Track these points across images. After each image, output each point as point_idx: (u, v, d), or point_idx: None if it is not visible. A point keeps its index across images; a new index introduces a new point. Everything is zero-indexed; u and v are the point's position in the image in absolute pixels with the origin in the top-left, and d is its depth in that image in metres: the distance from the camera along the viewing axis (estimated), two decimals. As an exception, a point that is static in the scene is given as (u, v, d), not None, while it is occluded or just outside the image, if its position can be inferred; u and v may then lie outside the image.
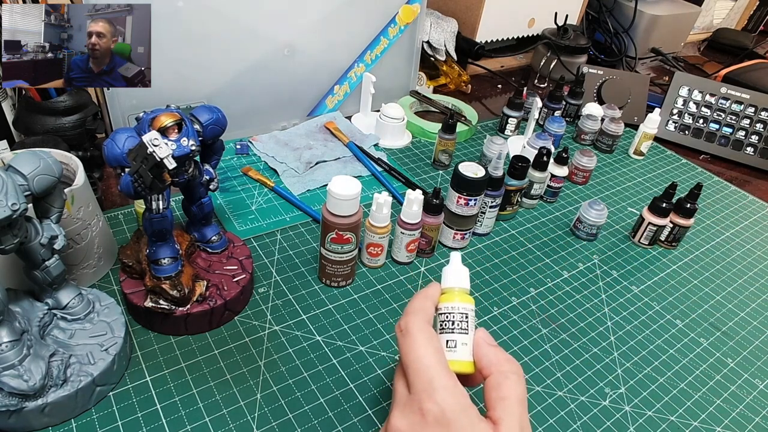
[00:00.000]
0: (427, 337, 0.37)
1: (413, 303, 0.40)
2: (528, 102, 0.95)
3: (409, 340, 0.37)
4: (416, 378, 0.35)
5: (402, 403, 0.36)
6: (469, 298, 0.41)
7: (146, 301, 0.50)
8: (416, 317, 0.38)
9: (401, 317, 0.39)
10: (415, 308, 0.39)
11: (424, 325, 0.38)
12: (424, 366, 0.35)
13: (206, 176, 0.54)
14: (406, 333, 0.38)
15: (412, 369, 0.36)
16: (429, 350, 0.36)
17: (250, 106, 0.82)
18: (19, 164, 0.40)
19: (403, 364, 0.37)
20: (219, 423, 0.46)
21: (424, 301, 0.40)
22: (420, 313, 0.39)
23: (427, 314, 0.39)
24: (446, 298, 0.40)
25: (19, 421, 0.42)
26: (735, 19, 1.66)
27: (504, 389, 0.36)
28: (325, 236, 0.56)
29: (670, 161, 0.97)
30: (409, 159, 0.85)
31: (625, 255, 0.73)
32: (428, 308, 0.40)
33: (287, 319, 0.56)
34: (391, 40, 0.91)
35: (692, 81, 1.03)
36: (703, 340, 0.62)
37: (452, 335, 0.39)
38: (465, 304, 0.40)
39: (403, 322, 0.39)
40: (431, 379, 0.35)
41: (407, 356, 0.37)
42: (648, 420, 0.52)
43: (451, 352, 0.38)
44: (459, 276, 0.41)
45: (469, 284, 0.42)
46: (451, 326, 0.39)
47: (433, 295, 0.41)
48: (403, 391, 0.37)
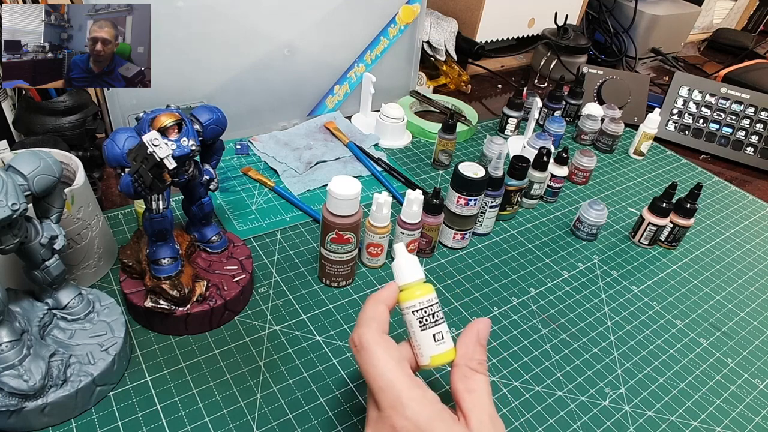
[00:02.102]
0: (384, 349, 0.35)
1: (364, 312, 0.38)
2: (528, 102, 0.95)
3: (366, 355, 0.35)
4: (382, 395, 0.34)
5: (373, 422, 0.34)
6: (430, 285, 0.40)
7: (146, 301, 0.50)
8: (368, 329, 0.36)
9: (354, 330, 0.37)
10: (367, 318, 0.37)
11: (379, 336, 0.36)
12: (388, 382, 0.34)
13: (206, 176, 0.54)
14: (361, 348, 0.35)
15: (376, 386, 0.34)
16: (389, 364, 0.34)
17: (250, 106, 0.82)
18: (19, 164, 0.40)
19: (366, 382, 0.35)
20: (219, 423, 0.46)
21: (376, 307, 0.38)
22: (372, 323, 0.36)
23: (380, 322, 0.37)
24: (415, 294, 0.39)
25: (19, 421, 0.42)
26: (735, 19, 1.66)
27: (471, 382, 0.35)
28: (325, 236, 0.56)
29: (670, 161, 0.97)
30: (409, 159, 0.85)
31: (625, 255, 0.73)
32: (381, 314, 0.37)
33: (287, 319, 0.56)
34: (391, 40, 0.91)
35: (692, 81, 1.03)
36: (703, 340, 0.62)
37: (436, 327, 0.38)
38: (432, 293, 0.39)
39: (355, 335, 0.36)
40: (398, 395, 0.33)
41: (368, 373, 0.35)
42: (648, 420, 0.52)
43: (441, 345, 0.38)
44: (415, 266, 0.40)
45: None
46: (433, 319, 0.38)
47: (387, 297, 0.38)
48: (372, 411, 0.35)
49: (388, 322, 0.38)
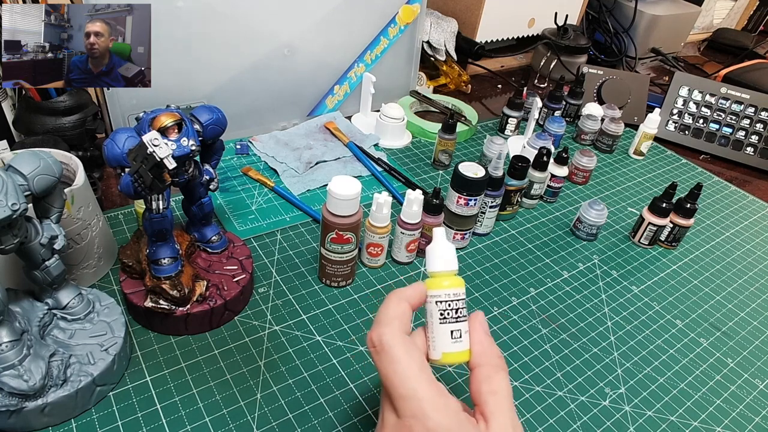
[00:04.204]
0: (407, 351, 0.33)
1: (386, 310, 0.35)
2: (528, 102, 0.95)
3: (387, 358, 0.33)
4: (403, 403, 0.32)
5: (391, 427, 0.33)
6: (461, 279, 0.37)
7: (146, 301, 0.50)
8: (390, 328, 0.34)
9: (372, 328, 0.35)
10: (389, 317, 0.35)
11: (401, 337, 0.34)
12: (411, 390, 0.32)
13: (206, 176, 0.54)
14: (381, 349, 0.33)
15: (397, 393, 0.32)
16: (412, 369, 0.32)
17: (250, 106, 0.82)
18: (19, 164, 0.40)
19: (384, 385, 0.33)
20: (219, 423, 0.46)
21: (398, 305, 0.36)
22: (395, 322, 0.34)
23: (402, 322, 0.35)
24: (443, 284, 0.37)
25: (19, 421, 0.42)
26: (735, 19, 1.66)
27: (495, 383, 0.34)
28: (325, 236, 0.56)
29: (670, 161, 0.97)
30: (409, 159, 0.85)
31: (625, 255, 0.73)
32: (404, 314, 0.35)
33: (287, 319, 0.56)
34: (391, 40, 0.91)
35: (692, 81, 1.03)
36: (703, 340, 0.62)
37: (456, 324, 0.36)
38: (461, 288, 0.37)
39: (375, 335, 0.34)
40: (420, 404, 0.31)
41: (388, 378, 0.33)
42: (648, 420, 0.52)
43: (457, 343, 0.36)
44: (450, 255, 0.37)
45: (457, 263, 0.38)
46: (455, 315, 0.36)
47: (412, 296, 0.36)
48: (390, 416, 0.33)
49: (410, 322, 0.36)
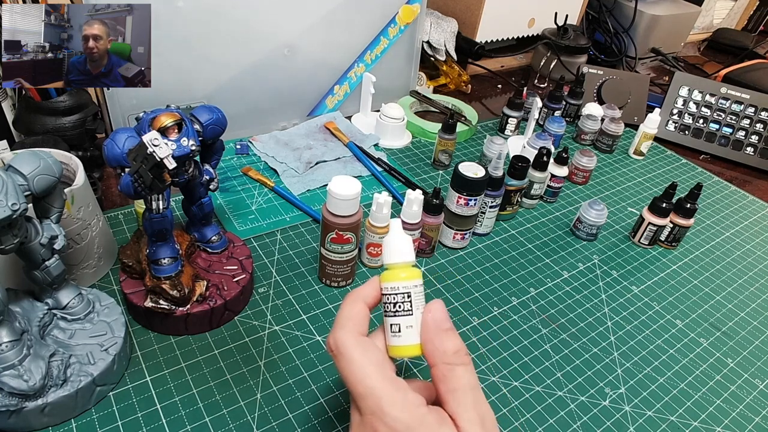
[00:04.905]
0: (363, 351, 0.34)
1: (341, 312, 0.36)
2: (528, 102, 0.95)
3: (344, 359, 0.34)
4: (362, 401, 0.33)
5: (356, 426, 0.34)
6: (415, 271, 0.36)
7: (146, 301, 0.50)
8: (344, 331, 0.35)
9: (330, 332, 0.35)
10: (344, 318, 0.35)
11: (355, 339, 0.34)
12: (368, 388, 0.33)
13: (206, 176, 0.54)
14: (338, 352, 0.34)
15: (356, 392, 0.33)
16: (368, 368, 0.33)
17: (250, 106, 0.82)
18: (19, 164, 0.40)
19: (346, 386, 0.34)
20: (219, 423, 0.46)
21: (353, 306, 0.36)
22: (348, 324, 0.35)
23: (356, 322, 0.35)
24: (388, 277, 0.36)
25: (19, 421, 0.42)
26: (735, 19, 1.66)
27: (451, 381, 0.34)
28: (325, 236, 0.56)
29: (670, 161, 0.97)
30: (409, 159, 0.85)
31: (625, 255, 0.73)
32: (358, 314, 0.36)
33: (287, 319, 0.56)
34: (391, 40, 0.91)
35: (692, 81, 1.03)
36: (703, 340, 0.62)
37: (395, 319, 0.36)
38: (407, 281, 0.36)
39: (331, 339, 0.35)
40: (378, 401, 0.32)
41: (347, 379, 0.34)
42: (648, 420, 0.52)
43: (396, 338, 0.36)
44: (400, 247, 0.37)
45: (413, 254, 0.37)
46: (393, 309, 0.36)
47: (368, 294, 0.37)
48: (355, 415, 0.34)
49: (367, 321, 0.36)
